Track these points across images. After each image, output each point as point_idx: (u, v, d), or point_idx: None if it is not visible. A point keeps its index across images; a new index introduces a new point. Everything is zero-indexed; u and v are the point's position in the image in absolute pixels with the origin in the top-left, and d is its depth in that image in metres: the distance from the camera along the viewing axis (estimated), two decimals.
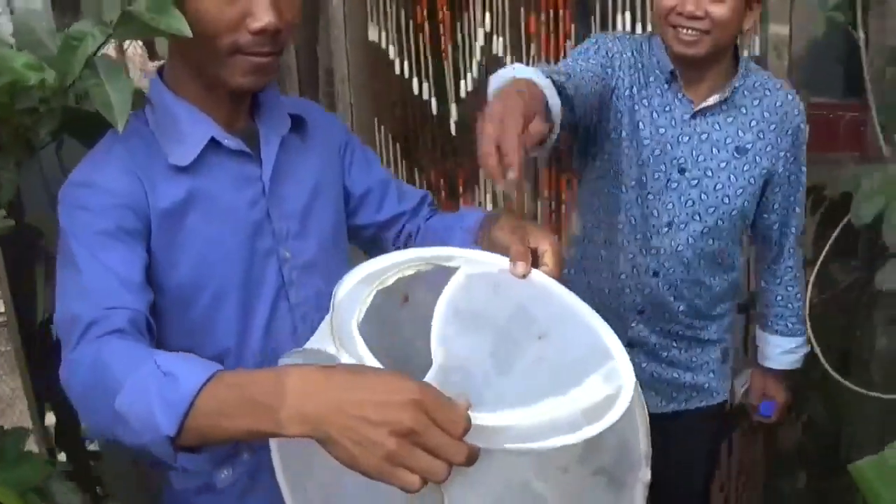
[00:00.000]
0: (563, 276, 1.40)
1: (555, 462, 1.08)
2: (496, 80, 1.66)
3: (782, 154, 2.17)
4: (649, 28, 2.81)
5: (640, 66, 2.13)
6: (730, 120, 2.13)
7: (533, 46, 2.96)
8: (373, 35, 3.01)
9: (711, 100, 2.11)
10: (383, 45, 3.04)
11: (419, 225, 1.79)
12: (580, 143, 2.22)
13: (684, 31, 2.00)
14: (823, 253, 2.26)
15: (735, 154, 2.13)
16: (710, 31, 1.99)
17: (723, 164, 2.13)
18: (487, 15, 2.91)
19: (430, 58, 3.05)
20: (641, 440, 1.18)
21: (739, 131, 2.13)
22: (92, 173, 1.41)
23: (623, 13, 2.85)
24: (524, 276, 1.32)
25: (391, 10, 3.00)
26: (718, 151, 2.13)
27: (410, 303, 1.32)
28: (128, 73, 1.42)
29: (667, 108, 2.12)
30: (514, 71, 1.66)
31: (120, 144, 1.42)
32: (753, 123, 2.14)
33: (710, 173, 2.13)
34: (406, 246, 1.77)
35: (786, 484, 2.91)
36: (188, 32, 1.25)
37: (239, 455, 1.43)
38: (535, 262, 1.37)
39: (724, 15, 1.97)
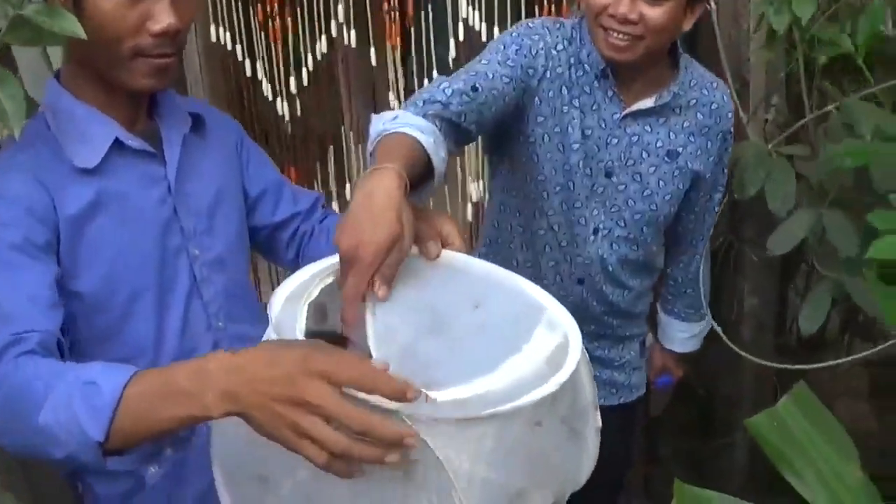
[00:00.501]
0: None
1: (532, 417, 1.09)
2: (375, 129, 1.52)
3: (711, 158, 2.05)
4: (480, 13, 2.74)
5: (570, 60, 1.92)
6: (662, 121, 1.98)
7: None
8: (214, 37, 2.96)
9: (646, 103, 1.95)
10: (228, 46, 3.00)
11: (313, 226, 1.80)
12: (493, 143, 2.07)
13: (616, 34, 1.82)
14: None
15: (666, 159, 1.99)
16: (644, 37, 1.81)
17: (652, 169, 2.00)
18: (340, 6, 2.88)
19: (274, 56, 3.02)
20: (587, 386, 1.22)
21: (671, 134, 1.99)
22: None
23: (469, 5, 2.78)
24: (437, 257, 1.33)
25: (234, 10, 2.95)
26: (649, 155, 1.98)
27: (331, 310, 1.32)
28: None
29: (595, 107, 1.94)
30: (396, 122, 1.51)
31: (22, 152, 1.41)
32: (686, 125, 2.00)
33: (638, 178, 2.00)
34: (300, 247, 1.80)
35: (661, 446, 3.00)
36: (82, 34, 1.24)
37: (163, 451, 1.43)
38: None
39: (660, 20, 1.79)
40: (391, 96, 3.01)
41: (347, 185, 3.22)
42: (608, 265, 2.06)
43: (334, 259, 1.31)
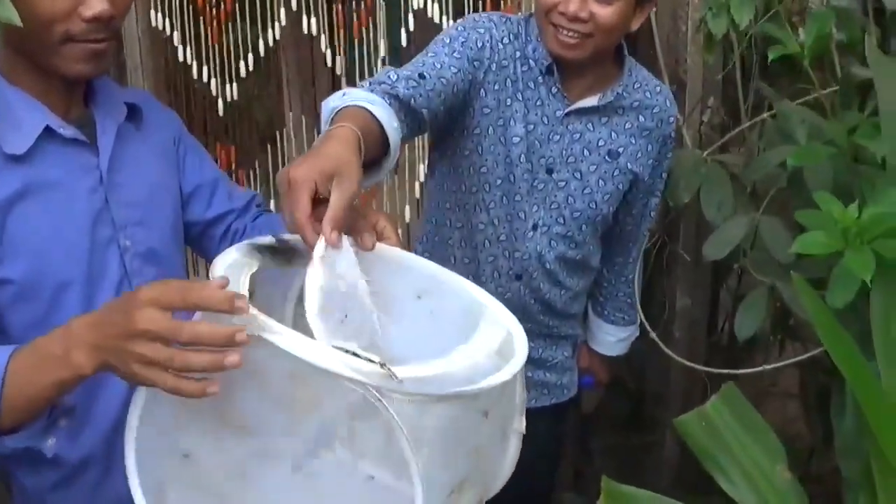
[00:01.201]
0: None
1: (484, 405, 1.11)
2: (326, 109, 1.53)
3: (650, 161, 2.07)
4: (438, 4, 2.75)
5: (516, 54, 1.94)
6: (604, 121, 2.00)
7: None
8: (155, 21, 2.92)
9: (589, 101, 1.97)
10: (167, 31, 2.96)
11: (245, 224, 1.80)
12: (438, 136, 2.06)
13: (565, 32, 1.84)
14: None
15: (606, 158, 2.01)
16: (593, 35, 1.83)
17: (593, 168, 2.01)
18: None
19: (215, 43, 2.98)
20: (520, 388, 1.22)
21: (613, 133, 2.01)
22: None
23: None
24: (372, 248, 1.30)
25: None
26: (590, 153, 2.00)
27: (256, 297, 1.30)
28: None
29: (539, 103, 1.96)
30: (345, 98, 1.52)
31: None
32: (628, 126, 2.02)
33: (578, 175, 2.01)
34: (232, 243, 1.77)
35: (592, 441, 3.03)
36: (18, 22, 1.20)
37: (57, 423, 1.42)
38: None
39: (610, 19, 1.82)
40: (339, 86, 2.99)
41: None
42: (546, 262, 2.07)
43: (259, 240, 1.32)
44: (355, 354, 1.05)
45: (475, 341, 1.19)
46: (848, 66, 2.20)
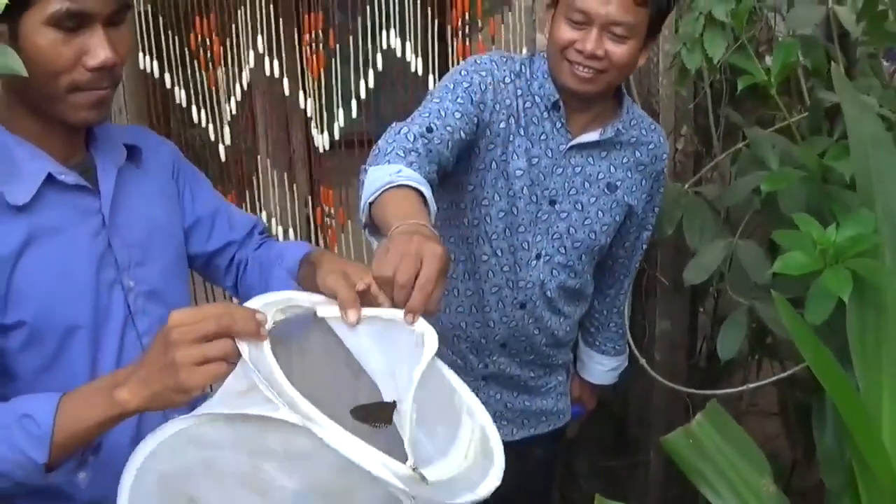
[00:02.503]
0: None
1: None
2: (373, 183, 1.62)
3: (644, 195, 2.14)
4: (409, 45, 2.79)
5: (517, 92, 2.01)
6: (604, 155, 2.07)
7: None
8: (143, 64, 2.96)
9: (592, 136, 2.04)
10: (156, 74, 2.99)
11: (248, 255, 1.82)
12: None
13: (581, 68, 1.90)
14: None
15: (605, 190, 2.08)
16: (607, 71, 1.90)
17: (593, 199, 2.07)
18: (260, 38, 2.89)
19: (204, 84, 3.02)
20: None
21: (612, 167, 2.08)
22: None
23: (388, 30, 2.81)
24: (356, 323, 1.32)
25: (163, 38, 2.94)
26: (590, 186, 2.07)
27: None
28: None
29: (543, 137, 2.02)
30: (398, 177, 1.62)
31: None
32: (625, 161, 2.09)
33: (580, 207, 2.07)
34: (237, 275, 1.82)
35: (577, 465, 3.05)
36: (23, 72, 1.22)
37: (87, 459, 1.44)
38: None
39: (623, 56, 1.89)
40: (309, 127, 3.04)
41: (263, 214, 3.22)
42: (547, 290, 2.12)
43: (280, 295, 1.35)
44: None
45: (462, 439, 1.24)
46: (815, 92, 2.27)
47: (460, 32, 2.80)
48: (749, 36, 2.12)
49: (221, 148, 3.09)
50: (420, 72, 2.83)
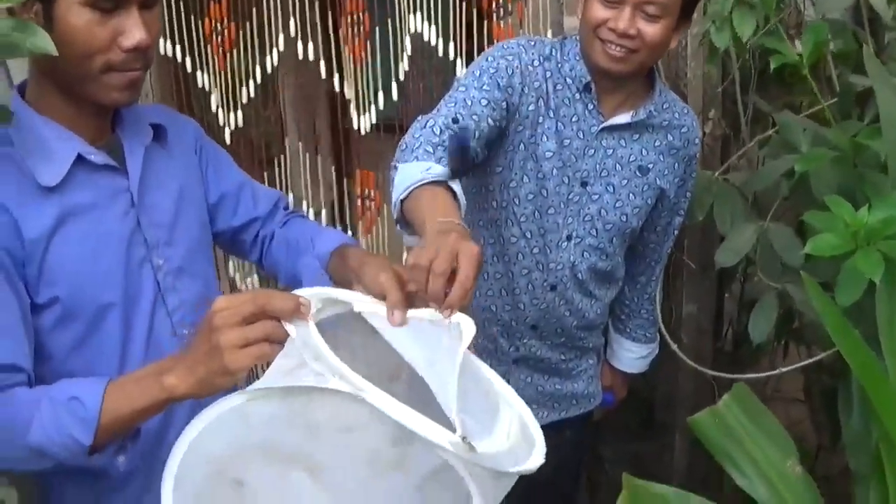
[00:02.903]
0: None
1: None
2: (404, 181, 1.66)
3: (676, 180, 2.14)
4: (435, 27, 2.78)
5: (547, 74, 2.00)
6: (636, 137, 2.07)
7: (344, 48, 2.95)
8: (164, 49, 2.97)
9: (623, 118, 2.04)
10: (178, 58, 3.01)
11: (274, 230, 1.84)
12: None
13: (613, 47, 1.90)
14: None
15: (637, 173, 2.08)
16: (639, 50, 1.90)
17: (624, 182, 2.07)
18: (292, 20, 2.88)
19: (225, 69, 3.03)
20: None
21: (643, 150, 2.08)
22: None
23: (415, 13, 2.80)
24: (402, 325, 1.32)
25: (183, 22, 2.95)
26: (622, 168, 2.07)
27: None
28: None
29: (574, 119, 2.01)
30: (428, 174, 1.66)
31: None
32: (657, 144, 2.09)
33: (611, 189, 2.07)
34: (262, 250, 1.85)
35: (603, 449, 3.07)
36: (54, 51, 1.23)
37: (127, 443, 1.46)
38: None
39: (657, 36, 1.88)
40: (340, 111, 3.05)
41: (290, 196, 3.24)
42: (578, 272, 2.13)
43: (317, 290, 1.35)
44: None
45: (502, 423, 1.26)
46: (845, 76, 2.26)
47: (494, 15, 2.80)
48: (778, 20, 2.11)
49: (232, 130, 3.11)
50: (450, 56, 2.83)
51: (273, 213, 1.86)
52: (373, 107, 2.95)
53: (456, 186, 1.65)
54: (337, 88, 2.97)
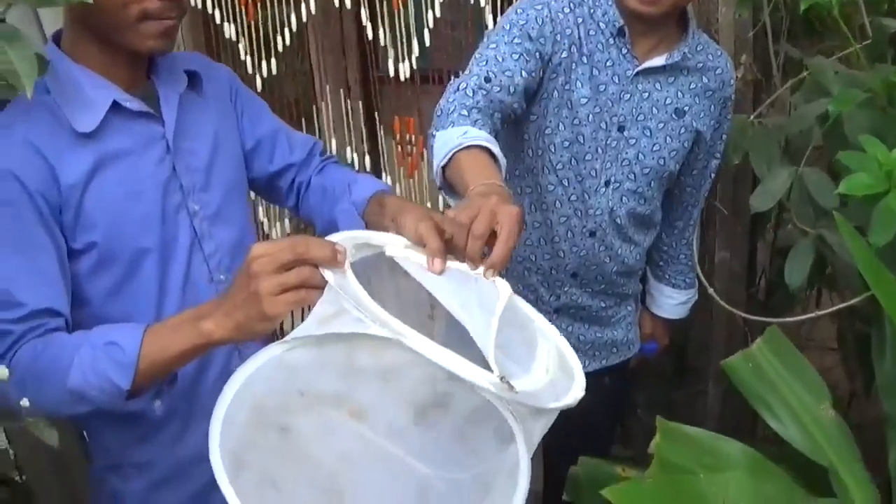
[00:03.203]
0: None
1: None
2: (443, 147, 1.65)
3: (712, 122, 2.14)
4: None
5: (579, 21, 1.97)
6: (671, 80, 2.06)
7: None
8: (193, 2, 2.98)
9: (658, 61, 2.02)
10: (209, 9, 3.02)
11: (310, 176, 1.86)
12: None
13: None
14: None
15: (674, 116, 2.07)
16: None
17: (661, 125, 2.07)
18: None
19: (250, 21, 3.05)
20: None
21: (679, 93, 2.07)
22: None
23: None
24: (441, 273, 1.33)
25: None
26: (658, 111, 2.06)
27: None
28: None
29: (609, 64, 2.00)
30: (466, 138, 1.64)
31: (21, 119, 1.44)
32: (693, 86, 2.08)
33: (648, 133, 2.06)
34: (299, 195, 1.87)
35: (637, 396, 3.08)
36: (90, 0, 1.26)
37: (162, 391, 1.49)
38: None
39: None
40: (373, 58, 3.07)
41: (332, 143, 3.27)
42: (617, 217, 2.12)
43: (352, 234, 1.38)
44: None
45: (540, 358, 1.28)
46: (877, 22, 2.24)
47: None
48: None
49: (264, 78, 3.14)
50: (481, 3, 2.83)
51: (308, 160, 1.88)
52: (411, 55, 2.97)
53: (495, 148, 1.64)
54: (370, 37, 2.98)
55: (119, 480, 1.65)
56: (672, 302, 2.48)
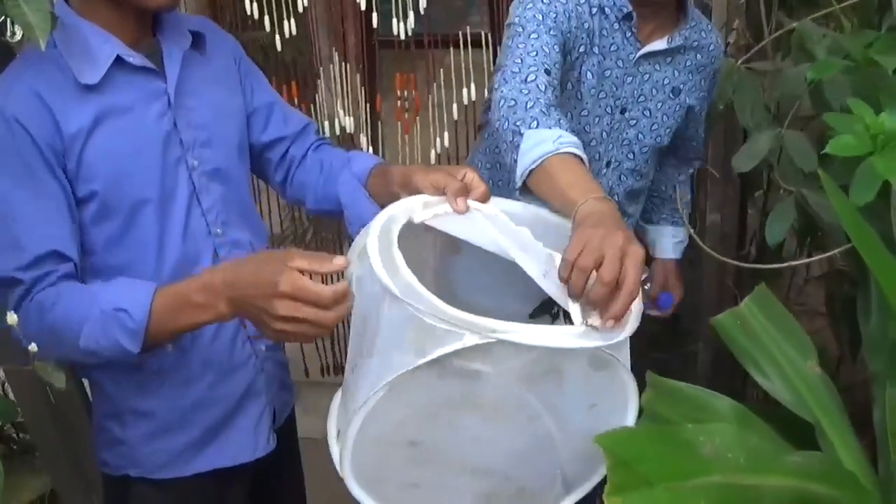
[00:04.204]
0: None
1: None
2: (535, 149, 1.64)
3: (703, 94, 2.20)
4: None
5: (591, 10, 1.98)
6: (668, 60, 2.11)
7: None
8: None
9: (660, 44, 2.06)
10: None
11: (305, 152, 1.91)
12: None
13: None
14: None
15: (671, 95, 2.13)
16: None
17: (659, 105, 2.12)
18: None
19: None
20: None
21: (675, 72, 2.12)
22: (4, 105, 1.47)
23: None
24: (466, 210, 1.47)
25: None
26: (657, 92, 2.11)
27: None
28: None
29: (613, 48, 2.02)
30: (560, 144, 1.63)
31: (28, 69, 1.50)
32: (688, 64, 2.13)
33: (647, 113, 2.12)
34: (288, 170, 1.92)
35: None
36: None
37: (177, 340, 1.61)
38: None
39: None
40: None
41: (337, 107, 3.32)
42: (615, 195, 2.17)
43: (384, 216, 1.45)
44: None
45: None
46: None
47: None
48: None
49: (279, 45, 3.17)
50: None
51: (302, 136, 1.92)
52: (410, 13, 3.04)
53: (582, 153, 1.64)
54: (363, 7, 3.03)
55: (119, 428, 1.71)
56: (675, 240, 2.53)
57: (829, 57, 2.00)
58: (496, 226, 1.45)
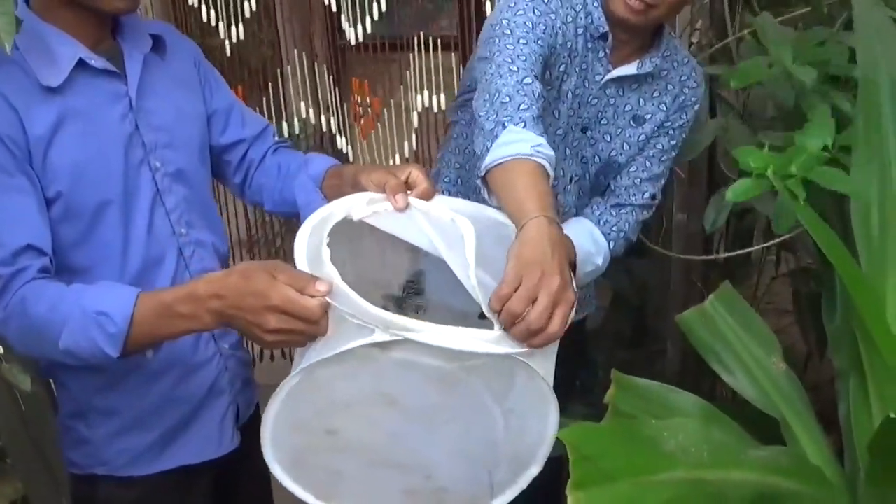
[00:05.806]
0: None
1: None
2: (509, 148, 1.63)
3: (670, 127, 2.07)
4: None
5: (578, 30, 1.91)
6: (634, 87, 2.02)
7: None
8: None
9: (629, 69, 1.97)
10: None
11: (264, 154, 1.92)
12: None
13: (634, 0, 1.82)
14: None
15: (632, 122, 2.03)
16: (658, 6, 1.82)
17: (619, 131, 2.04)
18: None
19: None
20: None
21: (641, 100, 2.03)
22: None
23: None
24: (405, 207, 1.50)
25: None
26: (618, 118, 2.03)
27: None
28: None
29: (584, 67, 1.95)
30: (538, 151, 1.62)
31: None
32: (656, 94, 2.04)
33: (608, 137, 2.04)
34: (247, 173, 1.93)
35: (596, 354, 3.12)
36: None
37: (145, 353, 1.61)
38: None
39: None
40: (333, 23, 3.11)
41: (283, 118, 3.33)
42: (573, 209, 2.10)
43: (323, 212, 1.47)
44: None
45: None
46: None
47: None
48: None
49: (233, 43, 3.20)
50: None
51: (260, 138, 1.93)
52: (367, 18, 3.05)
53: (552, 171, 1.64)
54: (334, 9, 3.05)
55: (85, 427, 1.72)
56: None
57: (753, 60, 2.03)
58: (430, 223, 1.47)
